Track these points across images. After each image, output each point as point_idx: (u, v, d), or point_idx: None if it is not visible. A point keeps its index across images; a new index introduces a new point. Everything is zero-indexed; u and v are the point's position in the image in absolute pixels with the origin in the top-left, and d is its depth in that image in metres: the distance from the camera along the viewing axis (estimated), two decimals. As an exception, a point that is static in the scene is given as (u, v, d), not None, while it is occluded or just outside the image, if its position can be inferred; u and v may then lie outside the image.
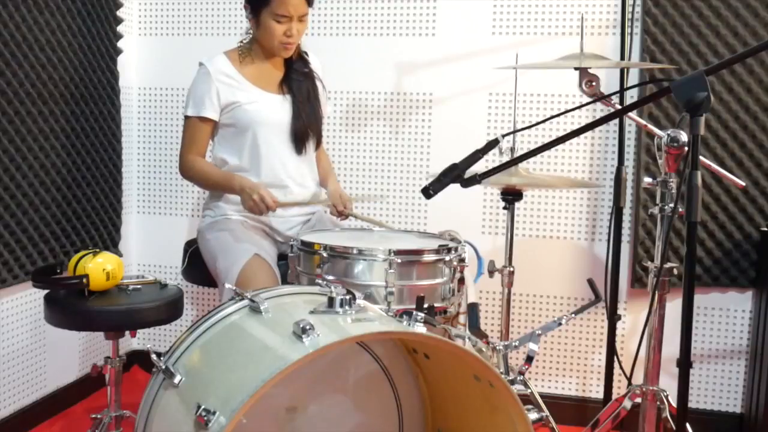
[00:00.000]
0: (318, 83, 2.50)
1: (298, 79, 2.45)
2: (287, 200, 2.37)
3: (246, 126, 2.36)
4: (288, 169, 2.41)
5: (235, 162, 2.40)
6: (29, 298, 2.62)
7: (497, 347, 2.25)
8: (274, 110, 2.39)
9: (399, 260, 1.95)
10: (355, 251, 1.98)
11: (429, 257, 2.01)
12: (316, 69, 2.52)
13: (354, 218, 2.50)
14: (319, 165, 2.58)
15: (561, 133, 1.79)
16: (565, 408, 2.87)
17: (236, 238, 2.29)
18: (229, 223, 2.38)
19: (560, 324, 2.26)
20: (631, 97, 2.70)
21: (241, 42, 2.43)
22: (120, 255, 2.92)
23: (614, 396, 2.55)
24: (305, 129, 2.42)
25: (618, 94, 2.52)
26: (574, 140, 2.76)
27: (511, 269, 2.36)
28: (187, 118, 2.38)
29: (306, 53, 2.51)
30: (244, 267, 2.17)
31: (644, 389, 2.10)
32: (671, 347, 2.00)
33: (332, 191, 2.50)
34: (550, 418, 2.23)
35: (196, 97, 2.35)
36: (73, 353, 2.89)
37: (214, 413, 1.31)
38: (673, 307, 2.19)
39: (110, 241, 2.95)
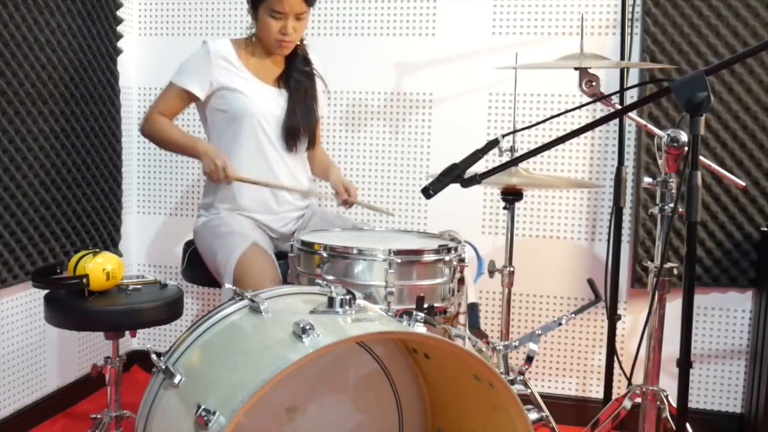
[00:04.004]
0: (319, 82, 2.50)
1: (297, 78, 2.45)
2: (251, 178, 2.35)
3: (237, 113, 2.35)
4: (275, 162, 2.40)
5: (224, 149, 2.37)
6: (29, 298, 2.62)
7: (497, 347, 2.25)
8: (268, 102, 2.39)
9: (399, 260, 1.95)
10: (355, 251, 1.98)
11: (429, 257, 2.01)
12: (317, 68, 2.52)
13: (360, 206, 2.48)
14: (317, 161, 2.58)
15: (561, 133, 1.79)
16: (565, 408, 2.87)
17: (232, 231, 2.30)
18: (223, 219, 2.38)
19: (560, 324, 2.26)
20: (631, 97, 2.70)
21: (252, 32, 2.43)
22: (120, 255, 2.92)
23: (614, 396, 2.55)
24: (298, 127, 2.41)
25: (618, 94, 2.52)
26: (574, 140, 2.76)
27: (511, 269, 2.36)
28: (171, 84, 2.39)
29: (307, 53, 2.51)
30: (242, 255, 2.18)
31: (644, 389, 2.10)
32: (671, 347, 2.01)
33: (335, 181, 2.49)
34: (550, 418, 2.23)
35: (188, 70, 2.36)
36: (73, 353, 2.89)
37: (214, 413, 1.31)
38: (673, 307, 2.19)
39: (110, 241, 2.95)
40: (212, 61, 2.34)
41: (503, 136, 1.87)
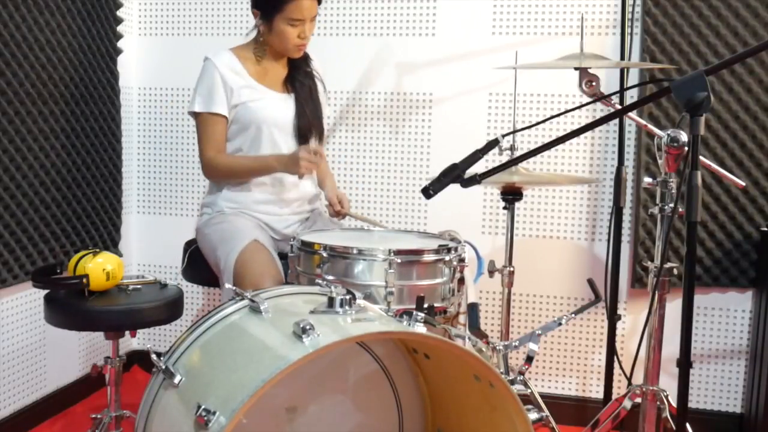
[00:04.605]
0: (318, 83, 2.51)
1: (300, 78, 2.46)
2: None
3: (249, 123, 2.36)
4: None
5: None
6: (29, 298, 2.62)
7: (497, 347, 2.25)
8: (279, 108, 2.39)
9: (399, 260, 1.95)
10: (355, 251, 1.98)
11: (429, 257, 2.01)
12: (316, 69, 2.53)
13: (352, 218, 2.50)
14: (320, 168, 2.58)
15: (561, 133, 1.79)
16: (565, 408, 2.87)
17: (234, 228, 2.31)
18: (226, 217, 2.39)
19: (560, 324, 2.26)
20: (631, 97, 2.70)
21: (254, 38, 2.42)
22: (120, 255, 2.92)
23: (614, 396, 2.55)
24: (309, 127, 2.42)
25: (618, 94, 2.52)
26: (574, 140, 2.76)
27: (511, 269, 2.36)
28: (197, 114, 2.36)
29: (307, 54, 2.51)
30: (242, 251, 2.19)
31: (644, 389, 2.10)
32: (671, 347, 2.00)
33: (329, 190, 2.51)
34: (550, 418, 2.23)
35: (205, 93, 2.34)
36: (73, 353, 2.89)
37: (214, 413, 1.31)
38: (673, 307, 2.19)
39: (110, 241, 2.95)
40: (221, 73, 2.33)
41: (503, 136, 1.87)
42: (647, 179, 2.02)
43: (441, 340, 1.49)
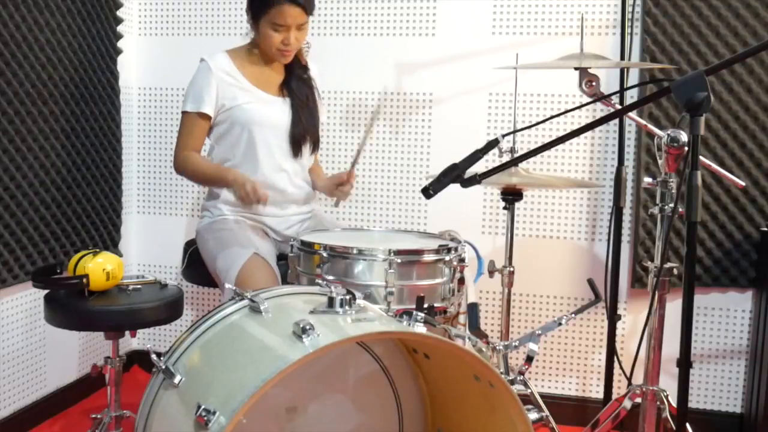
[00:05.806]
0: (315, 91, 2.51)
1: (298, 84, 2.45)
2: (281, 198, 2.37)
3: (243, 125, 2.35)
4: (283, 170, 2.41)
5: (230, 160, 2.40)
6: (29, 298, 2.62)
7: (497, 347, 2.25)
8: (273, 111, 2.39)
9: (399, 260, 1.95)
10: (355, 251, 1.98)
11: (429, 257, 2.01)
12: (314, 76, 2.53)
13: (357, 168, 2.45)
14: (312, 173, 2.58)
15: (561, 133, 1.79)
16: (565, 408, 2.87)
17: (235, 238, 2.29)
18: (227, 223, 2.38)
19: (560, 324, 2.26)
20: (631, 97, 2.70)
21: (250, 41, 2.43)
22: (120, 255, 2.92)
23: (614, 396, 2.56)
24: (303, 133, 2.41)
25: (618, 94, 2.52)
26: (574, 140, 2.76)
27: (511, 269, 2.36)
28: (185, 113, 2.38)
29: (306, 60, 2.51)
30: (243, 266, 2.17)
31: (644, 389, 2.10)
32: (671, 347, 2.00)
33: (326, 180, 2.50)
34: (550, 418, 2.23)
35: (196, 93, 2.35)
36: (73, 353, 2.89)
37: (214, 413, 1.31)
38: (673, 307, 2.18)
39: (110, 241, 2.95)
40: (216, 76, 2.33)
41: (503, 136, 1.87)
42: (647, 179, 2.02)
43: (441, 340, 1.49)
